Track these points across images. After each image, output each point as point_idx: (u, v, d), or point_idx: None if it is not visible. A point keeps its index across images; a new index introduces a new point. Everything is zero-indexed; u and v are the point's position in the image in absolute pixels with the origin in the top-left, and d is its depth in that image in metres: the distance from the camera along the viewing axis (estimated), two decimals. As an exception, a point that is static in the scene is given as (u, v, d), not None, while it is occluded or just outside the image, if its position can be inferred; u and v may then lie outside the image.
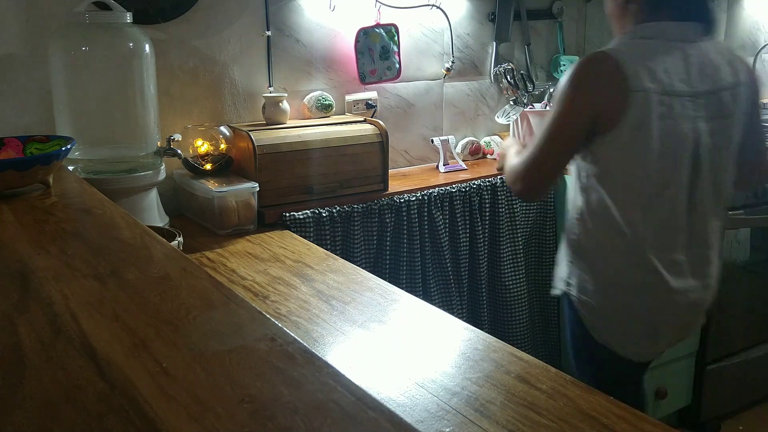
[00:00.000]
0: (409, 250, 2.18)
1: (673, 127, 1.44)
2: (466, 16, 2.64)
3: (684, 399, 2.61)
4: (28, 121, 1.87)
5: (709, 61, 1.49)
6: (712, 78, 1.48)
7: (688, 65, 1.46)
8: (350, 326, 1.34)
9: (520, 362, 1.19)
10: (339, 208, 2.05)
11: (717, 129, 1.49)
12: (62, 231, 1.07)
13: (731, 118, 1.51)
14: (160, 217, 1.90)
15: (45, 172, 1.30)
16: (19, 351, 0.66)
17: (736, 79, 1.51)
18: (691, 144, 1.46)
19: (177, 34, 2.07)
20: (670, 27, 1.48)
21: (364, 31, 2.36)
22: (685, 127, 1.45)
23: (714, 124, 1.48)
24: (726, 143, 1.51)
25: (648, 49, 1.45)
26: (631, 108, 1.41)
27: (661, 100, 1.42)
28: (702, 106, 1.47)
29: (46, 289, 0.82)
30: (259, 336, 0.69)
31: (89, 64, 1.78)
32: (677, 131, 1.45)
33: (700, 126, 1.47)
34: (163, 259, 0.94)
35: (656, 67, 1.43)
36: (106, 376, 0.61)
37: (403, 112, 2.57)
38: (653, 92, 1.42)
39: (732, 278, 2.57)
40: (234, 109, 2.22)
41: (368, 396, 0.57)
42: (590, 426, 1.02)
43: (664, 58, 1.45)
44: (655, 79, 1.42)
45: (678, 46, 1.47)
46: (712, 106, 1.48)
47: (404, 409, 1.04)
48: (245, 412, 0.55)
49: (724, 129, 1.50)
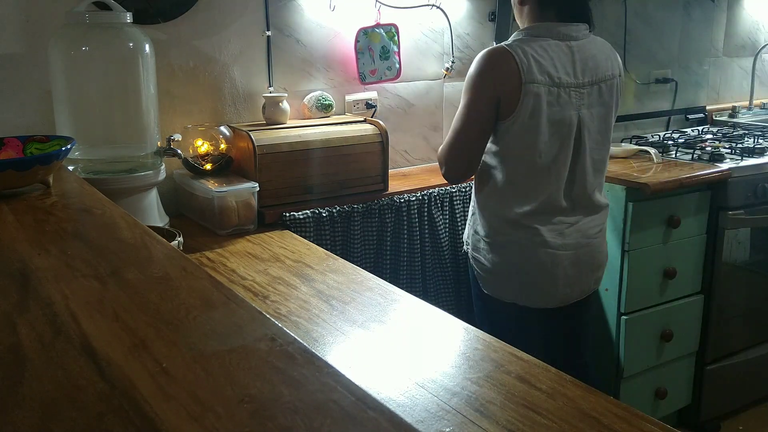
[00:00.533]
0: (409, 250, 2.18)
1: (559, 113, 1.70)
2: (466, 16, 2.64)
3: (684, 399, 2.61)
4: (28, 121, 1.87)
5: (591, 57, 1.75)
6: (593, 71, 1.74)
7: (573, 60, 1.72)
8: (350, 326, 1.34)
9: (520, 362, 1.19)
10: (339, 208, 2.05)
11: (596, 115, 1.76)
12: (62, 231, 1.07)
13: (607, 105, 1.78)
14: (160, 217, 1.90)
15: (45, 172, 1.30)
16: (19, 351, 0.66)
17: (613, 72, 1.79)
18: (574, 128, 1.73)
19: (177, 34, 2.07)
20: (558, 27, 1.72)
21: (364, 31, 2.36)
22: (569, 114, 1.71)
23: (594, 110, 1.76)
24: (604, 126, 1.79)
25: (539, 46, 1.69)
26: (525, 97, 1.66)
27: (549, 91, 1.68)
28: (585, 96, 1.73)
29: (46, 289, 0.82)
30: (259, 336, 0.69)
31: (89, 64, 1.78)
32: (563, 117, 1.71)
33: (583, 113, 1.73)
34: (163, 259, 0.94)
35: (546, 62, 1.68)
36: (106, 376, 0.61)
37: (403, 112, 2.57)
38: (543, 84, 1.67)
39: (732, 278, 2.57)
40: (234, 109, 2.22)
41: (368, 396, 0.57)
42: (590, 426, 1.02)
43: (552, 54, 1.70)
44: (544, 72, 1.67)
45: (565, 43, 1.72)
46: (593, 95, 1.75)
47: (404, 409, 1.04)
48: (245, 412, 0.55)
49: (603, 115, 1.78)
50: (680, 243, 2.42)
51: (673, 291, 2.44)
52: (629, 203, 2.27)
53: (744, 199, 2.48)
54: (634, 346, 2.38)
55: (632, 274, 2.31)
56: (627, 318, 2.34)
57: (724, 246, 2.49)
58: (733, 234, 2.51)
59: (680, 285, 2.45)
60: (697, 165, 2.51)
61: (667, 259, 2.39)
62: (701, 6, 3.33)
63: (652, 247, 2.35)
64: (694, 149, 2.65)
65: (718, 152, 2.60)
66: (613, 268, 2.32)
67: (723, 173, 2.43)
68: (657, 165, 2.51)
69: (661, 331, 2.43)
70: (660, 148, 2.69)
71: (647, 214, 2.31)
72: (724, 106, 3.49)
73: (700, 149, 2.64)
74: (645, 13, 3.11)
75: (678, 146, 2.75)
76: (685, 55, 3.32)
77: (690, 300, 2.50)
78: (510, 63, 1.66)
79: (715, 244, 2.49)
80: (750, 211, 2.50)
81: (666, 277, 2.39)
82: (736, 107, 3.44)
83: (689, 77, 3.36)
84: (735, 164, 2.49)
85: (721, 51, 3.49)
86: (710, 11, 3.38)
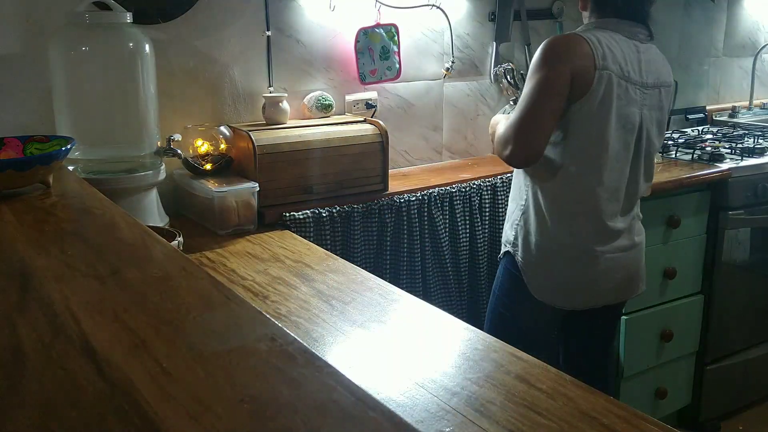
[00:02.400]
0: (409, 250, 2.18)
1: (626, 108, 1.66)
2: (466, 16, 2.64)
3: (684, 399, 2.61)
4: (28, 121, 1.87)
5: (654, 60, 1.73)
6: (655, 74, 1.72)
7: (639, 59, 1.69)
8: (350, 326, 1.34)
9: (520, 362, 1.19)
10: (339, 208, 2.05)
11: (655, 118, 1.74)
12: (62, 231, 1.07)
13: (663, 110, 1.76)
14: (160, 217, 1.90)
15: (45, 172, 1.29)
16: (19, 351, 0.66)
17: (670, 80, 1.79)
18: (637, 127, 1.70)
19: (177, 34, 2.07)
20: (627, 25, 1.70)
21: (364, 31, 2.36)
22: (634, 111, 1.68)
23: (654, 113, 1.73)
24: (659, 131, 1.77)
25: (611, 38, 1.66)
26: (598, 83, 1.61)
27: (619, 82, 1.64)
28: (647, 96, 1.71)
29: (46, 289, 0.81)
30: (259, 336, 0.69)
31: (89, 64, 1.78)
32: (630, 113, 1.67)
33: (645, 113, 1.71)
34: (163, 259, 0.94)
35: (617, 53, 1.65)
36: (106, 376, 0.61)
37: (403, 112, 2.57)
38: (614, 74, 1.63)
39: (732, 278, 2.57)
40: (234, 109, 2.22)
41: (368, 396, 0.57)
42: (590, 426, 1.02)
43: (623, 48, 1.67)
44: (616, 62, 1.64)
45: (632, 41, 1.70)
46: (654, 98, 1.72)
47: (404, 409, 1.04)
48: (245, 412, 0.55)
49: (660, 120, 1.76)
50: (680, 243, 2.42)
51: (673, 291, 2.44)
52: (629, 203, 2.26)
53: (744, 199, 2.48)
54: (634, 346, 2.38)
55: (632, 274, 2.31)
56: (627, 318, 2.34)
57: (724, 246, 2.49)
58: (733, 234, 2.51)
59: (680, 285, 2.45)
60: (697, 165, 2.51)
61: (667, 259, 2.39)
62: (701, 6, 3.33)
63: (652, 247, 2.35)
64: (694, 149, 2.65)
65: (718, 152, 2.60)
66: (613, 268, 2.32)
67: (723, 173, 2.43)
68: (657, 165, 2.51)
69: (661, 331, 2.43)
70: (660, 148, 2.69)
71: (647, 214, 2.30)
72: (724, 106, 3.49)
73: (700, 149, 2.65)
74: (645, 13, 3.10)
75: (678, 146, 2.75)
76: (685, 55, 3.32)
77: (690, 300, 2.50)
78: (584, 46, 1.61)
79: (715, 244, 2.49)
80: (750, 211, 2.50)
81: (666, 277, 2.39)
82: (736, 107, 3.44)
83: (689, 77, 3.36)
84: (735, 164, 2.49)
85: (721, 51, 3.49)
86: (710, 11, 3.38)
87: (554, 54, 1.62)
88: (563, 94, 1.61)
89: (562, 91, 1.61)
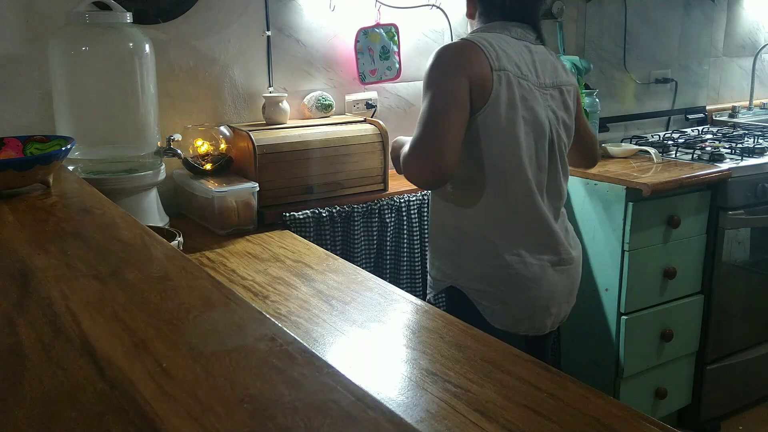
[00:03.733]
0: (409, 250, 2.18)
1: (533, 109, 1.55)
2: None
3: (684, 399, 2.61)
4: (28, 121, 1.87)
5: (548, 60, 1.63)
6: (551, 74, 1.62)
7: (533, 60, 1.59)
8: (350, 326, 1.34)
9: (520, 362, 1.19)
10: (339, 208, 2.05)
11: (561, 119, 1.62)
12: (62, 231, 1.07)
13: (570, 111, 1.65)
14: (160, 217, 1.90)
15: (45, 172, 1.29)
16: (19, 351, 0.66)
17: (569, 79, 1.67)
18: (547, 127, 1.58)
19: (177, 34, 2.07)
20: (515, 26, 1.61)
21: (364, 31, 2.36)
22: (542, 113, 1.57)
23: (559, 114, 1.62)
24: (568, 133, 1.65)
25: (501, 40, 1.56)
26: (498, 85, 1.50)
27: (519, 82, 1.53)
28: (549, 98, 1.60)
29: (46, 289, 0.81)
30: (259, 336, 0.69)
31: (89, 64, 1.78)
32: (536, 113, 1.56)
33: (549, 114, 1.59)
34: (163, 259, 0.94)
35: (510, 54, 1.55)
36: (106, 376, 0.61)
37: (403, 112, 2.57)
38: (512, 73, 1.53)
39: (732, 278, 2.57)
40: (234, 109, 2.22)
41: (368, 396, 0.57)
42: (590, 426, 1.02)
43: (514, 49, 1.57)
44: (511, 62, 1.53)
45: (522, 42, 1.60)
46: (557, 98, 1.62)
47: (404, 409, 1.04)
48: (245, 412, 0.55)
49: (566, 120, 1.64)
50: (680, 243, 2.42)
51: (673, 291, 2.44)
52: (629, 203, 2.27)
53: (744, 199, 2.48)
54: (634, 346, 2.38)
55: (632, 274, 2.31)
56: (627, 318, 2.34)
57: (723, 246, 2.49)
58: (733, 234, 2.51)
59: (680, 285, 2.45)
60: (697, 165, 2.51)
61: (667, 259, 2.39)
62: (701, 6, 3.33)
63: (652, 247, 2.35)
64: (694, 149, 2.65)
65: (718, 152, 2.60)
66: (613, 268, 2.32)
67: (723, 173, 2.43)
68: (657, 165, 2.51)
69: (661, 331, 2.43)
70: (660, 148, 2.69)
71: (647, 214, 2.31)
72: (724, 106, 3.49)
73: (700, 149, 2.64)
74: (645, 13, 3.11)
75: (678, 146, 2.75)
76: (684, 55, 3.32)
77: (690, 300, 2.50)
78: (476, 51, 1.50)
79: (715, 244, 2.49)
80: (750, 211, 2.50)
81: (666, 277, 2.39)
82: (736, 107, 3.44)
83: (689, 77, 3.37)
84: (735, 164, 2.49)
85: (721, 51, 3.49)
86: (710, 11, 3.39)
87: (447, 64, 1.50)
88: (465, 105, 1.48)
89: (463, 103, 1.48)
